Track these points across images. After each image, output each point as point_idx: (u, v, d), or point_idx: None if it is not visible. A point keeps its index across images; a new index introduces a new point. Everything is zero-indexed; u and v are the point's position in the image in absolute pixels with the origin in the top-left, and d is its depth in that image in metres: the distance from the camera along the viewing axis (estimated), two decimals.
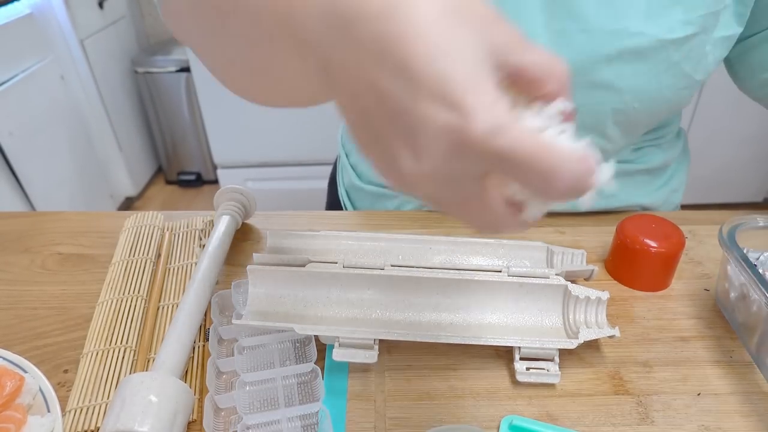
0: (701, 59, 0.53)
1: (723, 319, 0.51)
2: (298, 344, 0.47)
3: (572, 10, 0.50)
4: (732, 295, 0.50)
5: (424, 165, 0.24)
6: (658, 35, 0.50)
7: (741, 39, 0.57)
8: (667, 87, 0.54)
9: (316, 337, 0.46)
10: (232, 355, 0.45)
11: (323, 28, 0.26)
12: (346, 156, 0.76)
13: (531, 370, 0.44)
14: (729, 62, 0.61)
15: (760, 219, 0.51)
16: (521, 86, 0.25)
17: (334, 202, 0.81)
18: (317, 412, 0.41)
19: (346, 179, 0.76)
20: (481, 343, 0.45)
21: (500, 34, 0.25)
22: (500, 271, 0.48)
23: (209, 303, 0.51)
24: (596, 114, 0.56)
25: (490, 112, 0.22)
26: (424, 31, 0.23)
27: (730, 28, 0.53)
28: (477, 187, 0.25)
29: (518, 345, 0.44)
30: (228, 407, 0.43)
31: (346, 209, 0.76)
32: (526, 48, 0.25)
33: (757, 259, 0.49)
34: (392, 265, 0.49)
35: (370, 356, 0.43)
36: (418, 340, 0.45)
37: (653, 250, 0.52)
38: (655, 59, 0.52)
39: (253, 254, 0.49)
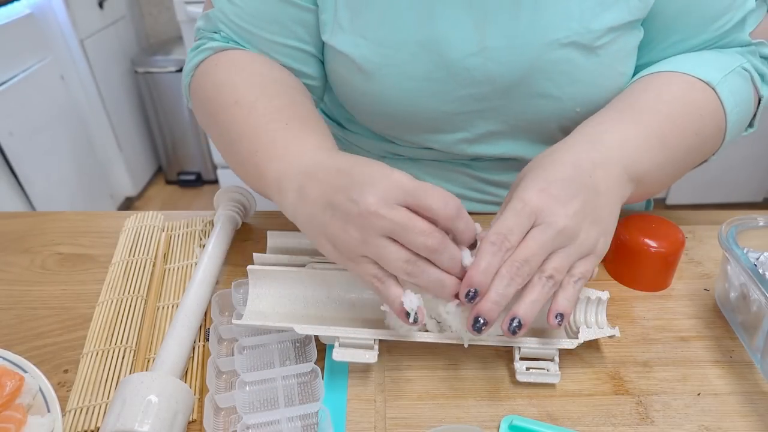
0: (630, 56, 0.54)
1: (723, 319, 0.51)
2: (298, 344, 0.47)
3: (502, 28, 0.51)
4: (732, 295, 0.50)
5: (364, 246, 0.40)
6: (588, 43, 0.51)
7: None
8: (605, 89, 0.54)
9: (316, 337, 0.46)
10: (232, 355, 0.45)
11: (308, 234, 0.44)
12: None
13: (531, 370, 0.44)
14: None
15: (760, 219, 0.51)
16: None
17: None
18: (317, 412, 0.41)
19: None
20: (482, 343, 0.45)
21: (391, 187, 0.39)
22: None
23: (209, 303, 0.51)
24: (540, 122, 0.57)
25: (383, 191, 0.39)
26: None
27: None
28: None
29: (518, 345, 0.44)
30: (228, 407, 0.43)
31: None
32: (420, 193, 0.39)
33: (757, 259, 0.49)
34: None
35: (371, 356, 0.43)
36: (419, 340, 0.45)
37: (653, 250, 0.52)
38: (588, 65, 0.52)
39: (254, 254, 0.49)
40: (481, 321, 0.39)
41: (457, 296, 0.40)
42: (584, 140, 0.46)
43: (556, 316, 0.41)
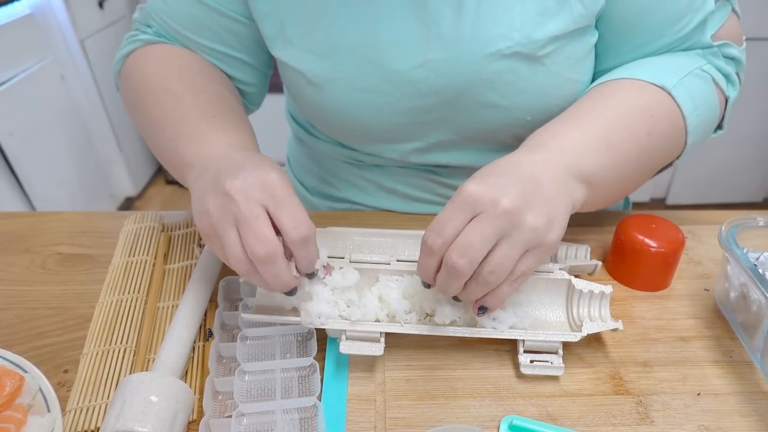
0: (580, 63, 0.53)
1: (723, 319, 0.51)
2: (299, 338, 0.48)
3: (444, 40, 0.51)
4: (732, 295, 0.50)
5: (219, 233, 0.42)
6: (531, 52, 0.50)
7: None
8: (555, 97, 0.54)
9: (319, 334, 0.46)
10: (234, 341, 0.46)
11: (192, 202, 0.45)
12: (289, 164, 0.80)
13: (535, 363, 0.44)
14: None
15: (760, 219, 0.51)
16: None
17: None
18: (313, 406, 0.41)
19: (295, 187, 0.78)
20: (487, 335, 0.45)
21: (266, 189, 0.41)
22: None
23: (209, 301, 0.51)
24: (491, 131, 0.57)
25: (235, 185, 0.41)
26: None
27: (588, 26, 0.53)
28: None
29: (522, 338, 0.45)
30: (226, 391, 0.43)
31: None
32: (279, 205, 0.41)
33: (757, 259, 0.49)
34: (398, 260, 0.49)
35: (377, 348, 0.44)
36: (424, 333, 0.45)
37: (653, 250, 0.52)
38: (533, 75, 0.52)
39: None
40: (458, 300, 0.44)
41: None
42: (524, 149, 0.46)
43: (479, 309, 0.43)
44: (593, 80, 0.56)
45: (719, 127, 0.57)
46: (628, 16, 0.52)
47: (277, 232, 0.40)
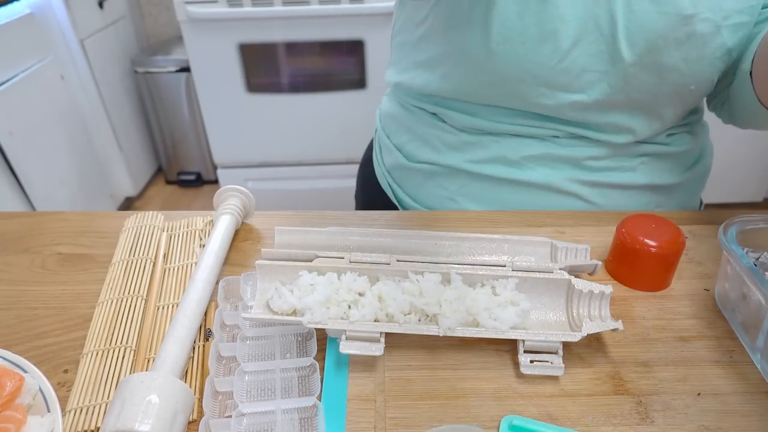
0: (747, 45, 0.57)
1: (723, 319, 0.51)
2: (299, 338, 0.48)
3: None
4: (732, 295, 0.50)
5: None
6: (719, 22, 0.53)
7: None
8: (717, 71, 0.57)
9: (319, 334, 0.46)
10: (234, 341, 0.46)
11: None
12: (387, 137, 0.76)
13: (535, 363, 0.45)
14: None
15: (760, 219, 0.51)
16: None
17: (369, 184, 0.82)
18: (313, 406, 0.41)
19: (388, 160, 0.76)
20: (487, 336, 0.45)
21: None
22: (504, 266, 0.49)
23: (209, 301, 0.51)
24: (656, 94, 0.59)
25: None
26: None
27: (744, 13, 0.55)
28: None
29: (522, 338, 0.45)
30: (226, 391, 0.43)
31: (389, 189, 0.76)
32: None
33: (757, 259, 0.49)
34: (398, 260, 0.49)
35: (377, 349, 0.44)
36: (424, 333, 0.45)
37: (653, 250, 0.52)
38: (714, 45, 0.55)
39: (261, 249, 0.49)
40: None
41: None
42: None
43: None
44: None
45: None
46: None
47: None
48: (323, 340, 0.48)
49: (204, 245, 0.55)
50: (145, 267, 0.56)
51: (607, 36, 0.54)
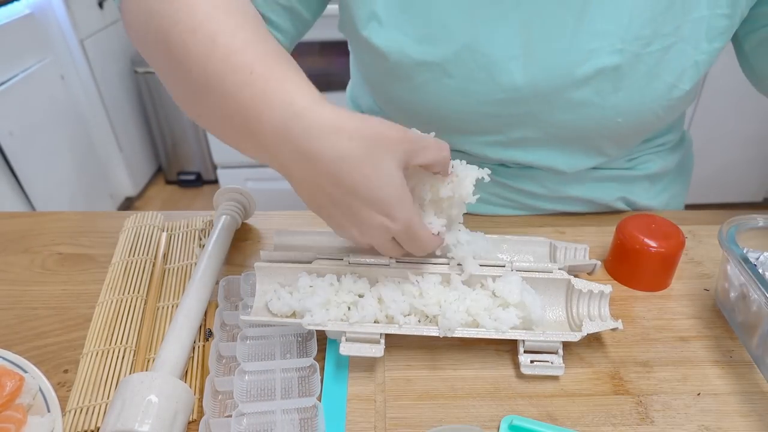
0: (685, 68, 0.52)
1: (723, 319, 0.51)
2: (299, 339, 0.48)
3: (548, 33, 0.50)
4: (732, 295, 0.50)
5: (365, 237, 0.42)
6: (634, 51, 0.50)
7: (755, 30, 0.55)
8: (651, 100, 0.53)
9: (319, 334, 0.46)
10: (234, 341, 0.46)
11: (284, 152, 0.39)
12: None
13: (535, 363, 0.44)
14: (744, 56, 0.58)
15: (760, 219, 0.51)
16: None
17: None
18: (313, 406, 0.41)
19: None
20: (487, 336, 0.45)
21: (405, 149, 0.40)
22: (504, 266, 0.49)
23: (210, 299, 0.51)
24: (582, 129, 0.56)
25: (406, 217, 0.41)
26: (364, 169, 0.38)
27: (715, 39, 0.51)
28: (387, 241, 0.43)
29: (522, 338, 0.45)
30: (226, 390, 0.43)
31: None
32: (421, 151, 0.41)
33: (757, 259, 0.49)
34: (397, 261, 0.49)
35: (377, 350, 0.44)
36: (425, 334, 0.45)
37: (653, 250, 0.52)
38: (633, 74, 0.51)
39: (261, 251, 0.49)
40: None
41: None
42: None
43: None
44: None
45: None
46: None
47: None
48: (323, 340, 0.48)
49: (204, 245, 0.55)
50: (145, 267, 0.56)
51: (505, 82, 0.53)
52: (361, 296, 0.47)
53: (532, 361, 0.45)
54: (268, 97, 0.38)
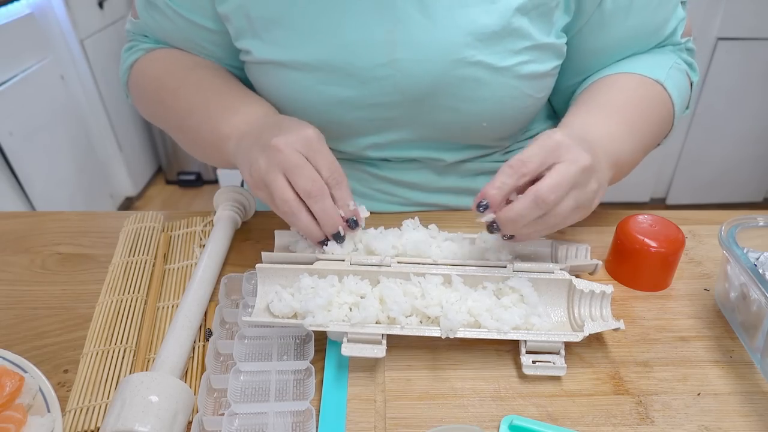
0: (540, 81, 0.57)
1: (723, 319, 0.51)
2: (298, 341, 0.48)
3: (411, 42, 0.52)
4: (732, 295, 0.50)
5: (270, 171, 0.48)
6: (493, 63, 0.53)
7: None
8: (511, 107, 0.57)
9: (317, 337, 0.46)
10: (233, 339, 0.46)
11: (239, 162, 0.52)
12: None
13: (537, 363, 0.44)
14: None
15: (760, 219, 0.51)
16: None
17: None
18: (307, 410, 0.41)
19: None
20: (489, 337, 0.45)
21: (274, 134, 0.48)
22: (505, 267, 0.49)
23: (209, 301, 0.51)
24: (449, 132, 0.59)
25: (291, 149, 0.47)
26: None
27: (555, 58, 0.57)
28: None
29: (524, 338, 0.45)
30: (221, 388, 0.43)
31: None
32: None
33: (757, 259, 0.49)
34: (399, 262, 0.49)
35: (379, 351, 0.44)
36: (426, 335, 0.45)
37: (653, 250, 0.52)
38: (493, 85, 0.54)
39: (262, 253, 0.49)
40: (495, 226, 0.46)
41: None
42: (577, 131, 0.50)
43: (493, 226, 0.45)
44: (572, 77, 0.63)
45: (686, 107, 0.65)
46: (624, 36, 0.58)
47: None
48: (322, 341, 0.48)
49: (204, 245, 0.55)
50: (145, 267, 0.56)
51: (376, 88, 0.55)
52: (362, 297, 0.47)
53: (534, 362, 0.45)
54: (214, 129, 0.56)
